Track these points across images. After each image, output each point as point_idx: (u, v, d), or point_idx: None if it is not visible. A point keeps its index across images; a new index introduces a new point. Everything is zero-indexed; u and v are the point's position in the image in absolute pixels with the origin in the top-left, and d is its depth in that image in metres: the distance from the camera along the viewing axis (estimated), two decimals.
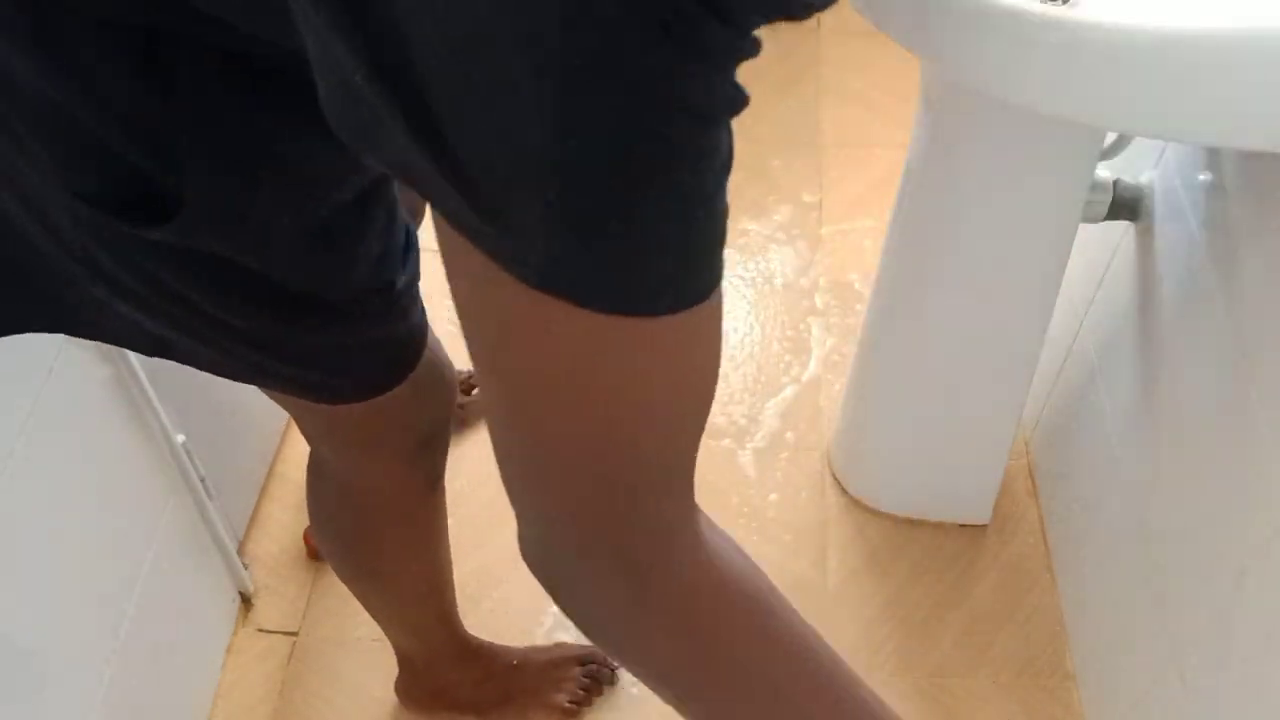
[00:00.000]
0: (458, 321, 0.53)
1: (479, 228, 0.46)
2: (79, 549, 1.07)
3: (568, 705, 1.31)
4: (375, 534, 1.07)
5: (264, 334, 0.76)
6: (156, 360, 0.81)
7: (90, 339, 0.80)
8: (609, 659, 1.34)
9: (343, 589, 1.41)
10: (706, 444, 1.66)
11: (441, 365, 0.92)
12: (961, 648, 1.39)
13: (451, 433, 1.05)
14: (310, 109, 0.51)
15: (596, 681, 1.33)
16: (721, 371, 1.66)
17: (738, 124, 0.47)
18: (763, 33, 0.47)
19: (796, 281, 1.78)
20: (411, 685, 1.30)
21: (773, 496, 1.53)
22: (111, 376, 1.09)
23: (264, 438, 1.52)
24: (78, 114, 0.60)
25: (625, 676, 1.35)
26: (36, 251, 0.69)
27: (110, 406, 1.10)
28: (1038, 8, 0.82)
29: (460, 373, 1.37)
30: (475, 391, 1.54)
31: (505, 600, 1.42)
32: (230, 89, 0.62)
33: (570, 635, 1.40)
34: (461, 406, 1.44)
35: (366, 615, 1.38)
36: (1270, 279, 0.96)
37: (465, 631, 1.28)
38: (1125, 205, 1.22)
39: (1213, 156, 1.09)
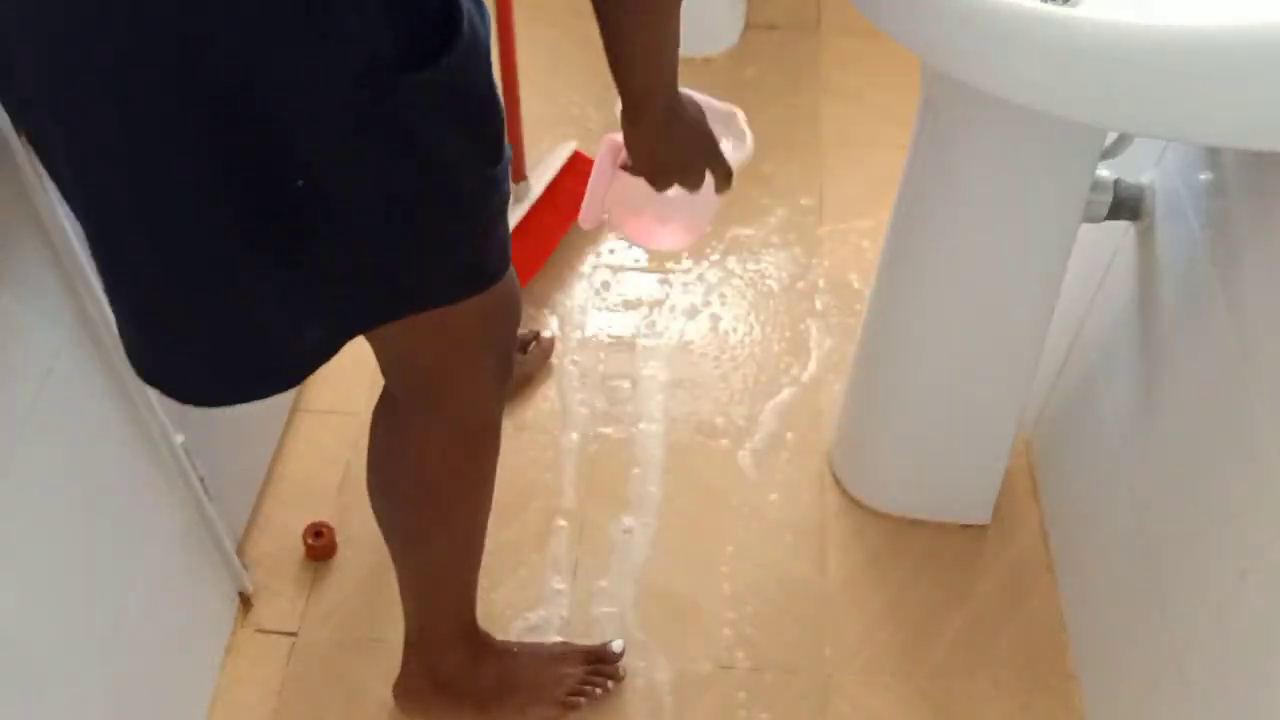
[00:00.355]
0: None
1: None
2: (78, 549, 1.07)
3: (567, 698, 1.31)
4: (444, 471, 1.11)
5: (476, 184, 0.88)
6: None
7: (303, 376, 0.94)
8: (613, 657, 1.35)
9: (342, 589, 1.42)
10: (706, 444, 1.67)
11: (513, 274, 1.01)
12: (962, 648, 1.39)
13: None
14: None
15: (602, 677, 1.33)
16: (721, 372, 1.67)
17: None
18: (763, 32, 0.48)
19: (796, 282, 1.78)
20: (413, 678, 1.29)
21: (773, 496, 1.52)
22: (110, 377, 1.09)
23: (264, 438, 1.52)
24: None
25: (630, 679, 1.35)
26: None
27: (109, 407, 1.09)
28: (1038, 7, 0.82)
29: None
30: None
31: (504, 602, 1.42)
32: None
33: (570, 636, 1.40)
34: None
35: (366, 615, 1.39)
36: (1270, 279, 0.96)
37: (475, 618, 1.28)
38: (1126, 205, 1.22)
39: (1213, 156, 1.09)
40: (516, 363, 1.48)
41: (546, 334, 1.67)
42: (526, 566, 1.45)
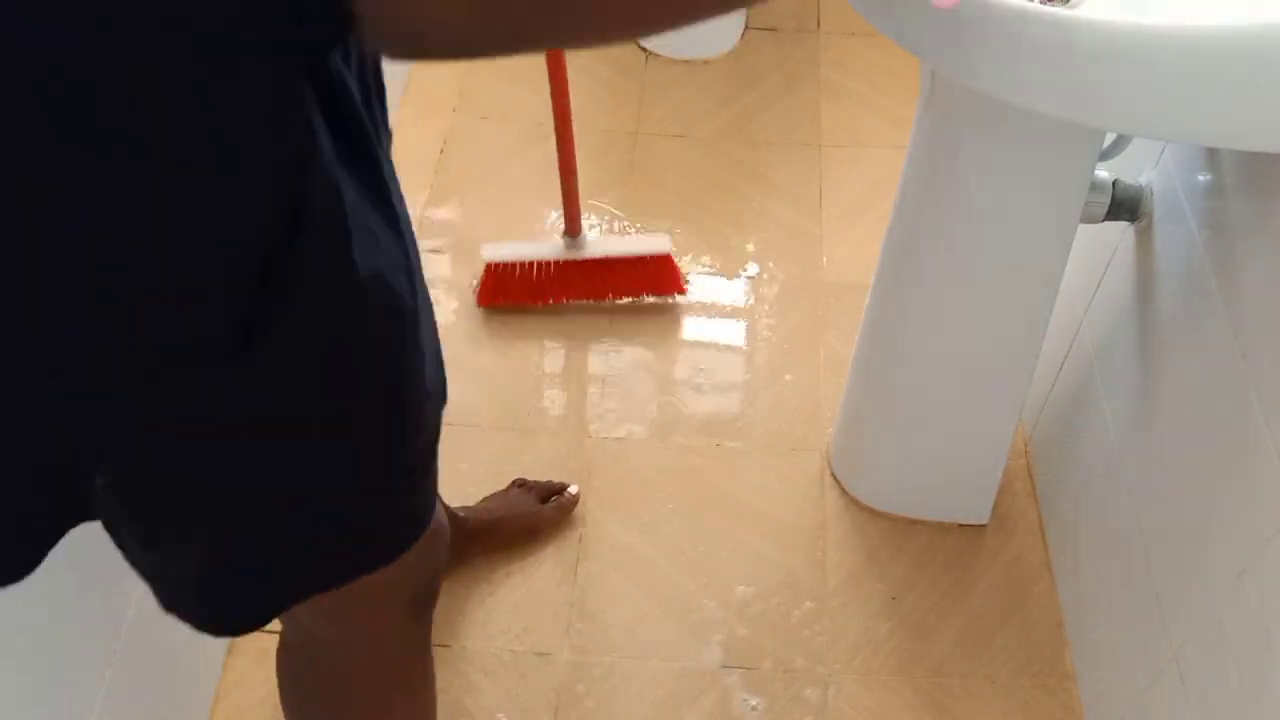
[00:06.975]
0: None
1: None
2: (78, 548, 1.07)
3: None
4: (359, 704, 1.03)
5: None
6: None
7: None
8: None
9: None
10: (706, 443, 1.66)
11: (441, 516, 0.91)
12: (961, 647, 1.39)
13: None
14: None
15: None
16: (721, 371, 1.67)
17: (740, 124, 0.47)
18: (764, 34, 0.47)
19: (795, 282, 1.79)
20: None
21: (773, 496, 1.53)
22: None
23: None
24: (207, 237, 0.59)
25: (631, 677, 1.35)
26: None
27: None
28: (1037, 8, 0.82)
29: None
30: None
31: (500, 603, 1.42)
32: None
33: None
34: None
35: None
36: (1270, 279, 0.96)
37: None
38: (1125, 205, 1.22)
39: (1212, 156, 1.10)
40: (534, 514, 1.47)
41: (572, 489, 1.50)
42: (525, 565, 1.46)
